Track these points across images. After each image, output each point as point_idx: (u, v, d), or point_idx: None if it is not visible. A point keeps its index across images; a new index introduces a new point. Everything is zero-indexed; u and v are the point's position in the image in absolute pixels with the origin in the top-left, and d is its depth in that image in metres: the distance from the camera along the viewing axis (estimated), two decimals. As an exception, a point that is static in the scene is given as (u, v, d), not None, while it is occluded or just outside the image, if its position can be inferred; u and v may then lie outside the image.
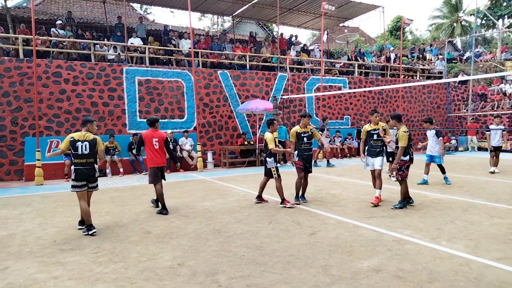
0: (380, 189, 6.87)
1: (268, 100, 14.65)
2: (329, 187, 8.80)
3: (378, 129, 6.79)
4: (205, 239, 4.93)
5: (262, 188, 7.18)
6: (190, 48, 13.59)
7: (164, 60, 13.69)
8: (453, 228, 5.20)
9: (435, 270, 3.76)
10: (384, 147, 6.98)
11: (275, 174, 6.90)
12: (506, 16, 30.97)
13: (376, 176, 6.88)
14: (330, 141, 15.59)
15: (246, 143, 13.86)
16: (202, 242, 4.80)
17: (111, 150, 11.56)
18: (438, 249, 4.38)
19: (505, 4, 30.65)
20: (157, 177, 6.66)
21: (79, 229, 5.47)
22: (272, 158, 6.94)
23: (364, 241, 4.70)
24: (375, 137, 6.82)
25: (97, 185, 5.63)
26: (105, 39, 13.94)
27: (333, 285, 3.47)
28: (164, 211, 6.47)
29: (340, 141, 16.35)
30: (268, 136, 6.88)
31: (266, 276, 3.69)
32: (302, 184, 7.10)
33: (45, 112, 11.30)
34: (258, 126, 14.46)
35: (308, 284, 3.49)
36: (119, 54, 12.94)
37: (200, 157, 12.50)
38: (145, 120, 7.30)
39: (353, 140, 16.63)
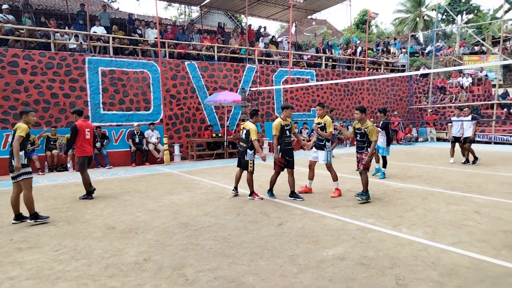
0: (337, 180, 7.00)
1: (236, 92, 14.59)
2: (296, 178, 8.89)
3: (321, 123, 6.92)
4: (171, 233, 4.87)
5: (238, 180, 7.06)
6: (156, 38, 13.25)
7: (129, 50, 13.26)
8: (413, 216, 5.42)
9: (396, 256, 3.92)
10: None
11: (251, 167, 6.71)
12: (464, 12, 32.34)
13: (327, 169, 7.04)
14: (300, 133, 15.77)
15: (214, 135, 13.77)
16: (168, 236, 4.74)
17: (58, 143, 11.15)
18: (399, 236, 4.56)
19: (463, 0, 31.96)
20: (84, 165, 7.10)
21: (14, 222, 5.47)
22: (253, 151, 6.70)
23: (329, 230, 4.81)
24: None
25: (15, 177, 5.35)
26: (66, 27, 13.31)
27: (299, 274, 3.54)
28: (89, 196, 7.04)
29: (308, 133, 16.57)
30: (252, 126, 6.58)
31: (233, 268, 3.70)
32: (288, 180, 6.76)
33: (1, 104, 10.69)
34: (226, 118, 14.38)
35: (275, 274, 3.54)
36: (81, 43, 12.41)
37: (166, 150, 12.29)
38: (76, 109, 7.23)
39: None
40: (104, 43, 12.82)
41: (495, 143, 17.33)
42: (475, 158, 10.69)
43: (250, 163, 6.73)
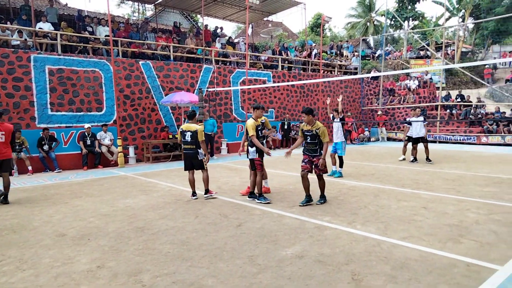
0: (265, 179, 7.18)
1: (193, 92, 14.40)
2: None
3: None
4: (127, 238, 4.71)
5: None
6: (108, 36, 12.75)
7: (80, 48, 12.65)
8: (366, 213, 5.64)
9: (351, 252, 4.05)
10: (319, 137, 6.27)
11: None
12: (410, 18, 34.20)
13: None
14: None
15: (170, 136, 13.49)
16: (124, 241, 4.58)
17: (17, 146, 10.43)
18: (353, 232, 4.72)
19: (409, 8, 33.82)
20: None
21: None
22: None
23: (288, 230, 4.88)
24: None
25: None
26: (8, 23, 12.44)
27: (259, 274, 3.55)
28: (4, 201, 6.81)
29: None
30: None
31: (192, 271, 3.64)
32: (256, 180, 6.60)
33: None
34: (183, 119, 14.15)
35: (235, 276, 3.53)
36: (25, 40, 11.65)
37: (121, 152, 11.87)
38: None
39: (277, 132, 17.14)
40: (52, 40, 12.13)
41: (440, 142, 18.48)
42: (427, 158, 11.21)
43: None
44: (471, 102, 20.50)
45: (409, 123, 11.40)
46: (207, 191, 6.88)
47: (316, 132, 5.98)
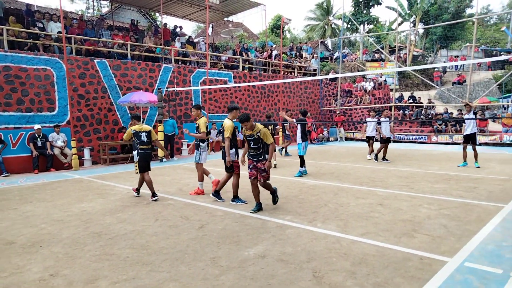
0: (202, 181, 7.30)
1: (152, 92, 14.06)
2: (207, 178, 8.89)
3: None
4: (83, 244, 4.50)
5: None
6: (60, 32, 12.14)
7: (29, 45, 11.93)
8: (326, 211, 5.77)
9: (313, 250, 4.13)
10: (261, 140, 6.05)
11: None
12: (366, 22, 35.51)
13: (196, 168, 7.36)
14: (217, 134, 15.76)
15: (129, 137, 13.08)
16: (79, 247, 4.38)
17: None
18: (314, 230, 4.81)
19: (365, 12, 35.11)
20: None
21: None
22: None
23: (250, 230, 4.89)
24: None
25: None
26: None
27: (221, 276, 3.53)
28: None
29: (216, 134, 16.58)
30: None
31: (153, 276, 3.55)
32: (233, 183, 6.48)
33: None
34: (142, 119, 13.77)
35: (197, 278, 3.48)
36: (-34, 34, 10.83)
37: (75, 154, 11.33)
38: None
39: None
40: (-3, 35, 11.35)
41: (394, 141, 19.31)
42: (376, 156, 11.75)
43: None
44: (422, 103, 21.64)
45: (379, 123, 11.93)
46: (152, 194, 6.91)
47: (258, 135, 5.71)
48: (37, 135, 11.09)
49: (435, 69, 28.81)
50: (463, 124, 10.54)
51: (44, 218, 5.72)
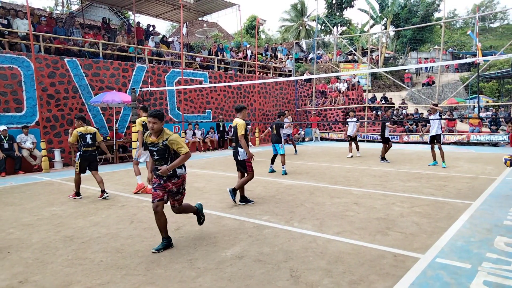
0: (137, 175, 7.55)
1: (125, 92, 13.77)
2: (192, 180, 8.82)
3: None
4: (54, 248, 4.35)
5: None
6: (28, 30, 11.68)
7: (-7, 42, 11.43)
8: (302, 210, 5.83)
9: (290, 249, 4.16)
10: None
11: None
12: (339, 24, 36.14)
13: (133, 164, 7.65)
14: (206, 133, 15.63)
15: (101, 139, 12.73)
16: (50, 252, 4.23)
17: None
18: (291, 230, 4.85)
19: (338, 14, 35.73)
20: None
21: None
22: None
23: (227, 231, 4.87)
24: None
25: None
26: None
27: (198, 277, 3.50)
28: None
29: (201, 134, 16.56)
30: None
31: (128, 280, 3.48)
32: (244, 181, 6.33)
33: None
34: (115, 120, 13.47)
35: (173, 281, 3.44)
36: None
37: (45, 156, 10.94)
38: None
39: (215, 133, 17.05)
40: (-41, 32, 10.81)
41: (367, 141, 19.75)
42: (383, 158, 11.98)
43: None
44: (393, 104, 22.22)
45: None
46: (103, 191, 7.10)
47: (164, 144, 4.18)
48: (3, 137, 10.64)
49: (406, 71, 29.68)
50: (428, 124, 10.93)
51: (13, 223, 5.49)
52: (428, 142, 10.67)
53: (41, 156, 10.95)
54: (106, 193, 7.06)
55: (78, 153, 7.09)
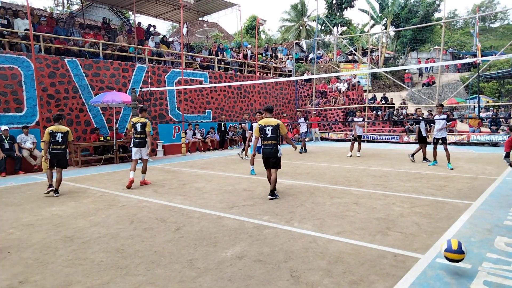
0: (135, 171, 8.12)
1: (126, 92, 13.77)
2: (192, 180, 8.83)
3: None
4: (54, 248, 4.35)
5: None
6: (28, 30, 11.68)
7: (-7, 42, 11.42)
8: (303, 210, 5.83)
9: (290, 249, 4.16)
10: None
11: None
12: (339, 24, 36.15)
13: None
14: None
15: (101, 139, 12.73)
16: (50, 252, 4.23)
17: None
18: (291, 230, 4.85)
19: (338, 14, 35.74)
20: None
21: None
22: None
23: (227, 231, 4.87)
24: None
25: None
26: None
27: (199, 277, 3.50)
28: None
29: (201, 135, 16.57)
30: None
31: (128, 280, 3.48)
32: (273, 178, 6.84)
33: None
34: (115, 120, 13.47)
35: (173, 281, 3.43)
36: None
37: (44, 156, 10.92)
38: None
39: (215, 133, 17.05)
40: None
41: (368, 141, 19.74)
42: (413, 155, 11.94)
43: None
44: (393, 104, 22.21)
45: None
46: (55, 189, 7.42)
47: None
48: (4, 137, 10.64)
49: (406, 71, 29.68)
50: (432, 125, 10.87)
51: (13, 223, 5.50)
52: (433, 143, 10.51)
53: (41, 156, 10.93)
54: (56, 193, 7.35)
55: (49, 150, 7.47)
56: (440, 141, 10.27)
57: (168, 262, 3.87)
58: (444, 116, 10.21)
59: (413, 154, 11.74)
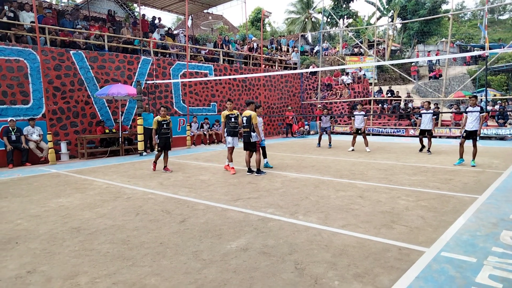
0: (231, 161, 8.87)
1: (131, 84, 13.80)
2: (198, 173, 8.86)
3: (234, 114, 8.65)
4: (61, 239, 4.40)
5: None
6: (33, 22, 11.70)
7: (-1, 35, 11.46)
8: (307, 203, 5.83)
9: (294, 242, 4.17)
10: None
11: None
12: (345, 16, 35.81)
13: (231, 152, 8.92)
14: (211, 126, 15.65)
15: (107, 131, 12.79)
16: (58, 243, 4.28)
17: None
18: (296, 223, 4.86)
19: (344, 6, 35.38)
20: None
21: None
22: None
23: (232, 223, 4.89)
24: (232, 120, 8.67)
25: None
26: None
27: (204, 269, 3.52)
28: None
29: (209, 127, 16.59)
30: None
31: (134, 271, 3.51)
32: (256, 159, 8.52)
33: None
34: (120, 112, 13.52)
35: (179, 272, 3.46)
36: None
37: (51, 148, 11.02)
38: None
39: (220, 126, 17.07)
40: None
41: (373, 134, 19.65)
42: (429, 150, 11.92)
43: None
44: (400, 97, 22.04)
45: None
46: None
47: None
48: (11, 128, 10.73)
49: (412, 64, 29.39)
50: (462, 119, 10.51)
51: (20, 214, 5.56)
52: (462, 137, 9.53)
53: (48, 148, 11.03)
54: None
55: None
56: (471, 136, 9.31)
57: (173, 254, 3.90)
58: (478, 108, 9.21)
59: (428, 149, 11.83)
